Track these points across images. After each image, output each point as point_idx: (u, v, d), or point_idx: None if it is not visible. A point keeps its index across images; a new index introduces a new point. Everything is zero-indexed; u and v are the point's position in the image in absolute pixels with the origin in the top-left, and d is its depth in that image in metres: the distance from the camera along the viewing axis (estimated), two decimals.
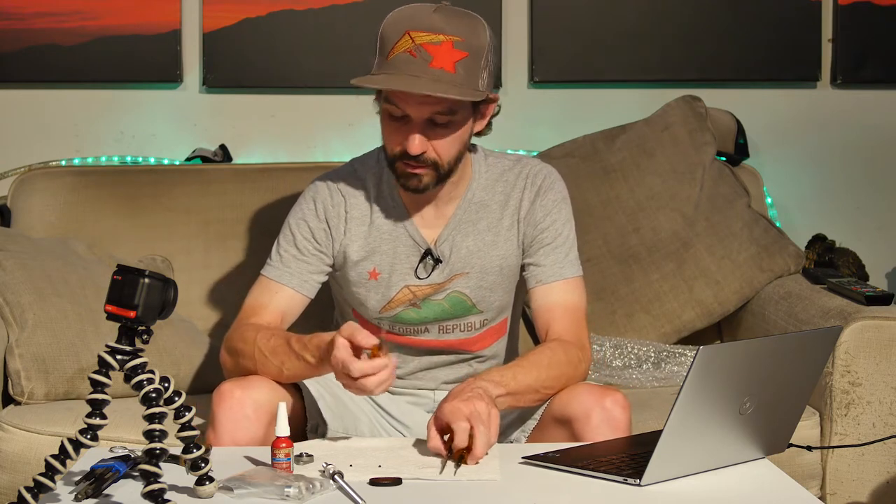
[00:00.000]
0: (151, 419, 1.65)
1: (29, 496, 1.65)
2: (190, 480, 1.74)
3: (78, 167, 3.33)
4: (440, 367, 2.42)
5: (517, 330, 2.52)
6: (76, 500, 1.73)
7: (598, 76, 3.55)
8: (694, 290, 3.08)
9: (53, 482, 1.66)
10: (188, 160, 3.41)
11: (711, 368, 1.77)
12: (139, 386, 1.66)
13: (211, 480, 1.73)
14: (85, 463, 1.83)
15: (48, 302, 2.69)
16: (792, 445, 2.04)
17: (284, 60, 3.49)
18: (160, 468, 1.66)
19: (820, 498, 2.51)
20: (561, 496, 1.79)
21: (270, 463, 1.87)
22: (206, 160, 3.39)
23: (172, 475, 1.76)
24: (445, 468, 1.91)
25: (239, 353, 2.23)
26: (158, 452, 1.65)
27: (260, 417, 2.12)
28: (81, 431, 1.65)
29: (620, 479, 1.82)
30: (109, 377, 1.66)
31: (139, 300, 1.64)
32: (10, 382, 2.64)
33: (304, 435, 2.28)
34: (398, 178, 2.26)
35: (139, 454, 1.76)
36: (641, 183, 3.16)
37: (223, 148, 3.46)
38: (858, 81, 3.58)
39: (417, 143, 2.19)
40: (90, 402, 1.65)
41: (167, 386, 1.67)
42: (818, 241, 3.45)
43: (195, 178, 3.13)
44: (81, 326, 2.69)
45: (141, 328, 1.66)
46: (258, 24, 3.46)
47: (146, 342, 1.67)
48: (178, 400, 1.69)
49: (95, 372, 1.66)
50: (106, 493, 1.76)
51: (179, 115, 3.50)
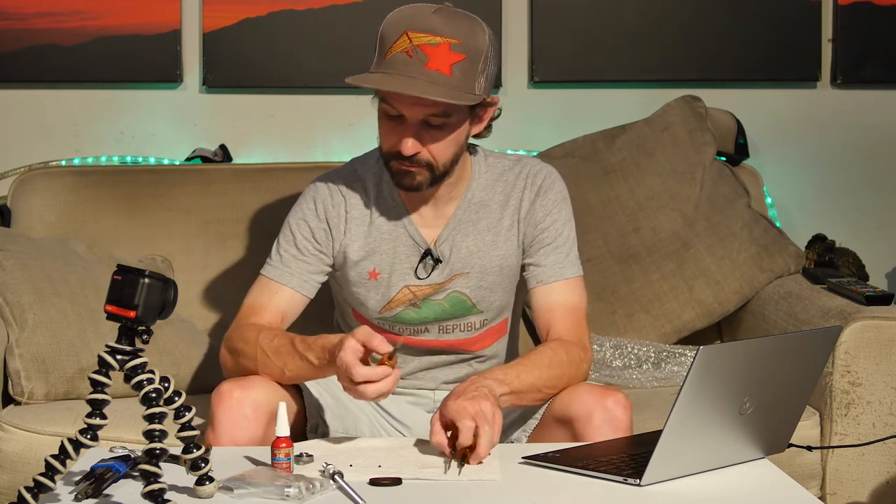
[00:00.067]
0: (151, 419, 1.65)
1: (29, 496, 1.65)
2: (190, 480, 1.74)
3: (78, 167, 3.33)
4: (440, 367, 2.42)
5: (517, 330, 2.52)
6: (76, 500, 1.73)
7: (598, 76, 3.55)
8: (694, 290, 3.07)
9: (53, 482, 1.66)
10: (188, 160, 3.41)
11: (711, 368, 1.77)
12: (139, 386, 1.66)
13: (211, 480, 1.73)
14: (85, 463, 1.83)
15: (48, 302, 2.69)
16: (792, 445, 2.04)
17: (284, 60, 3.49)
18: (160, 468, 1.65)
19: (820, 498, 2.51)
20: (561, 496, 1.79)
21: (270, 463, 1.87)
22: (206, 160, 3.39)
23: (172, 475, 1.76)
24: (450, 467, 1.91)
25: (240, 353, 2.23)
26: (158, 452, 1.65)
27: (259, 417, 2.12)
28: (81, 431, 1.65)
29: (620, 479, 1.82)
30: (109, 377, 1.66)
31: (139, 300, 1.64)
32: (10, 382, 2.64)
33: (304, 435, 2.28)
34: (393, 176, 2.26)
35: (139, 454, 1.76)
36: (641, 183, 3.16)
37: (223, 148, 3.46)
38: (858, 81, 3.58)
39: (410, 144, 2.19)
40: (90, 402, 1.65)
41: (167, 386, 1.67)
42: (818, 241, 3.44)
43: (195, 178, 3.13)
44: (81, 326, 2.69)
45: (141, 328, 1.66)
46: (258, 24, 3.46)
47: (146, 342, 1.67)
48: (178, 400, 1.69)
49: (95, 372, 1.66)
50: (106, 493, 1.76)
51: (179, 115, 3.50)
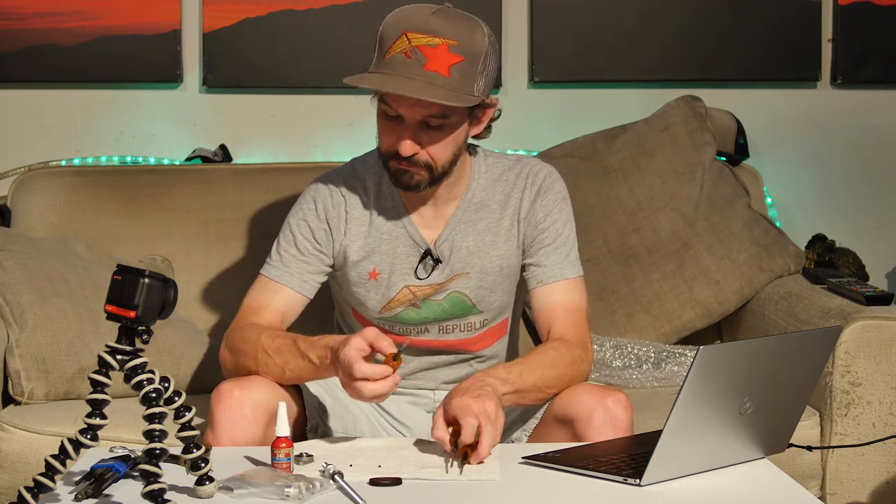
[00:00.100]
0: (151, 419, 1.65)
1: (29, 496, 1.65)
2: (190, 480, 1.74)
3: (78, 167, 3.33)
4: (440, 367, 2.42)
5: (517, 330, 2.52)
6: (76, 500, 1.73)
7: (598, 76, 3.55)
8: (694, 290, 3.07)
9: (53, 482, 1.66)
10: (188, 160, 3.41)
11: (711, 368, 1.77)
12: (139, 386, 1.66)
13: (211, 480, 1.73)
14: (85, 463, 1.83)
15: (48, 302, 2.68)
16: (792, 445, 2.04)
17: (284, 60, 3.49)
18: (160, 468, 1.66)
19: (820, 498, 2.51)
20: (561, 496, 1.79)
21: (270, 463, 1.87)
22: (206, 160, 3.39)
23: (172, 475, 1.76)
24: (450, 467, 1.91)
25: (240, 352, 2.23)
26: (158, 452, 1.65)
27: (258, 417, 2.12)
28: (81, 431, 1.65)
29: (620, 479, 1.82)
30: (109, 377, 1.66)
31: (139, 300, 1.64)
32: (10, 382, 2.64)
33: (303, 435, 2.28)
34: (391, 176, 2.26)
35: (139, 454, 1.76)
36: (641, 183, 3.16)
37: (223, 148, 3.46)
38: (858, 81, 3.58)
39: (408, 146, 2.19)
40: (90, 402, 1.65)
41: (167, 386, 1.67)
42: (818, 241, 3.44)
43: (195, 178, 3.13)
44: (81, 326, 2.69)
45: (141, 328, 1.66)
46: (258, 24, 3.46)
47: (146, 342, 1.67)
48: (178, 400, 1.69)
49: (95, 372, 1.66)
50: (106, 493, 1.76)
51: (179, 115, 3.50)
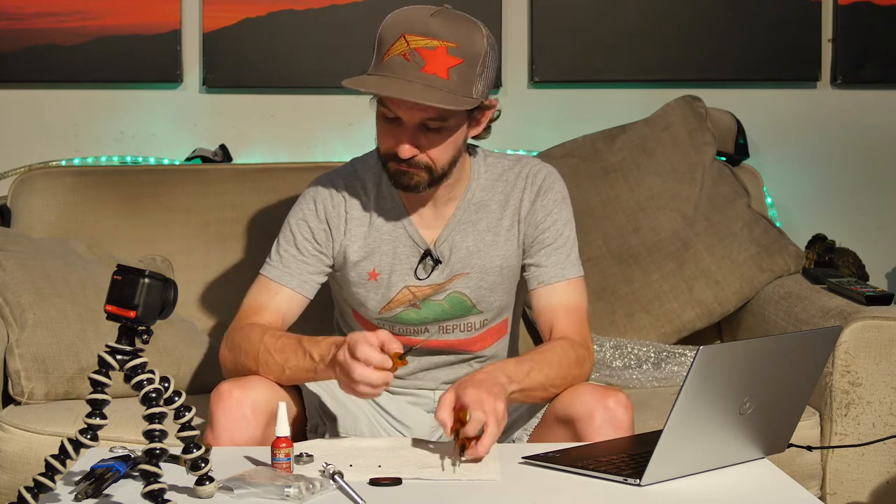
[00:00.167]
0: (151, 419, 1.65)
1: (29, 496, 1.65)
2: (190, 480, 1.74)
3: (78, 167, 3.33)
4: (440, 367, 2.42)
5: (517, 330, 2.52)
6: (76, 500, 1.73)
7: (598, 76, 3.55)
8: (694, 290, 3.07)
9: (53, 482, 1.66)
10: (188, 160, 3.41)
11: (711, 368, 1.77)
12: (139, 386, 1.66)
13: (211, 480, 1.73)
14: (85, 463, 1.83)
15: (48, 302, 2.68)
16: (792, 445, 2.04)
17: (284, 60, 3.49)
18: (160, 468, 1.66)
19: (820, 498, 2.51)
20: (561, 496, 1.79)
21: (270, 463, 1.87)
22: (206, 160, 3.39)
23: (172, 475, 1.76)
24: (446, 465, 1.92)
25: (242, 351, 2.23)
26: (158, 452, 1.65)
27: (258, 417, 2.12)
28: (81, 431, 1.65)
29: (620, 479, 1.82)
30: (109, 377, 1.66)
31: (139, 300, 1.64)
32: (10, 382, 2.64)
33: (303, 435, 2.28)
34: (391, 177, 2.26)
35: (139, 454, 1.76)
36: (641, 183, 3.16)
37: (223, 148, 3.46)
38: (858, 81, 3.58)
39: (407, 149, 2.19)
40: (90, 402, 1.65)
41: (167, 386, 1.67)
42: (818, 241, 3.44)
43: (195, 178, 3.13)
44: (81, 326, 2.69)
45: (141, 328, 1.66)
46: (258, 24, 3.46)
47: (146, 342, 1.67)
48: (178, 400, 1.69)
49: (95, 372, 1.66)
50: (106, 493, 1.76)
51: (179, 115, 3.50)
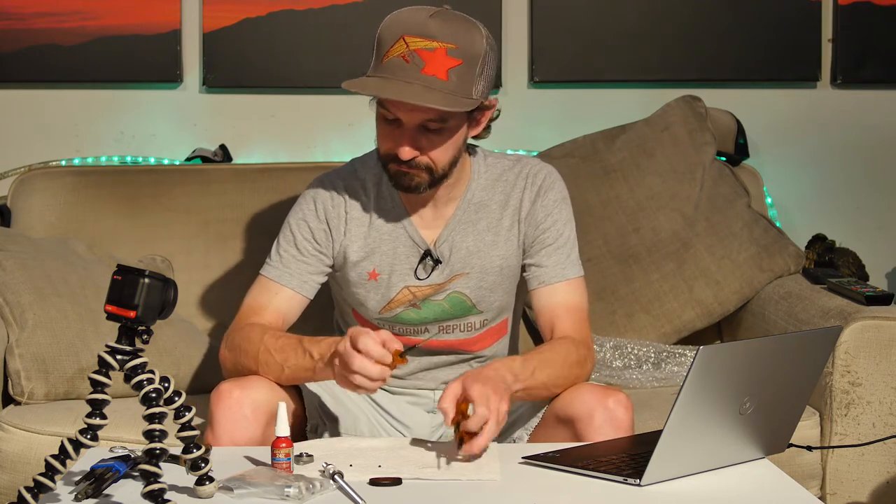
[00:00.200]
0: (151, 419, 1.65)
1: (29, 496, 1.65)
2: (190, 480, 1.74)
3: (78, 167, 3.33)
4: (440, 367, 2.42)
5: (517, 330, 2.52)
6: (76, 500, 1.73)
7: (598, 76, 3.55)
8: (694, 290, 3.07)
9: (53, 482, 1.66)
10: (188, 160, 3.41)
11: (711, 368, 1.77)
12: (139, 386, 1.66)
13: (211, 480, 1.73)
14: (85, 463, 1.83)
15: (48, 302, 2.68)
16: (792, 445, 2.04)
17: (284, 60, 3.49)
18: (160, 468, 1.66)
19: (820, 498, 2.51)
20: (561, 496, 1.79)
21: (270, 463, 1.87)
22: (206, 160, 3.39)
23: (172, 475, 1.76)
24: (445, 465, 1.92)
25: (242, 351, 2.23)
26: (158, 452, 1.65)
27: (258, 418, 2.12)
28: (81, 431, 1.65)
29: (620, 479, 1.82)
30: (109, 377, 1.66)
31: (139, 300, 1.64)
32: (10, 382, 2.64)
33: (303, 435, 2.28)
34: (391, 178, 2.26)
35: (139, 454, 1.76)
36: (641, 183, 3.16)
37: (223, 148, 3.46)
38: (858, 81, 3.58)
39: (407, 151, 2.19)
40: (90, 402, 1.65)
41: (167, 386, 1.67)
42: (818, 241, 3.44)
43: (195, 178, 3.13)
44: (81, 326, 2.69)
45: (141, 328, 1.66)
46: (258, 24, 3.46)
47: (146, 342, 1.67)
48: (178, 400, 1.69)
49: (95, 372, 1.66)
50: (106, 493, 1.76)
51: (179, 115, 3.50)
